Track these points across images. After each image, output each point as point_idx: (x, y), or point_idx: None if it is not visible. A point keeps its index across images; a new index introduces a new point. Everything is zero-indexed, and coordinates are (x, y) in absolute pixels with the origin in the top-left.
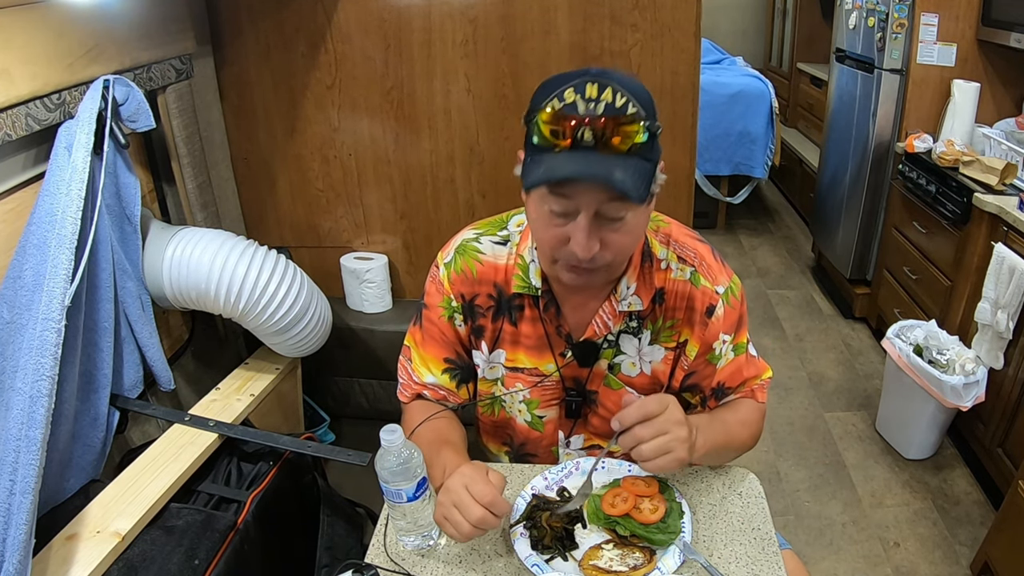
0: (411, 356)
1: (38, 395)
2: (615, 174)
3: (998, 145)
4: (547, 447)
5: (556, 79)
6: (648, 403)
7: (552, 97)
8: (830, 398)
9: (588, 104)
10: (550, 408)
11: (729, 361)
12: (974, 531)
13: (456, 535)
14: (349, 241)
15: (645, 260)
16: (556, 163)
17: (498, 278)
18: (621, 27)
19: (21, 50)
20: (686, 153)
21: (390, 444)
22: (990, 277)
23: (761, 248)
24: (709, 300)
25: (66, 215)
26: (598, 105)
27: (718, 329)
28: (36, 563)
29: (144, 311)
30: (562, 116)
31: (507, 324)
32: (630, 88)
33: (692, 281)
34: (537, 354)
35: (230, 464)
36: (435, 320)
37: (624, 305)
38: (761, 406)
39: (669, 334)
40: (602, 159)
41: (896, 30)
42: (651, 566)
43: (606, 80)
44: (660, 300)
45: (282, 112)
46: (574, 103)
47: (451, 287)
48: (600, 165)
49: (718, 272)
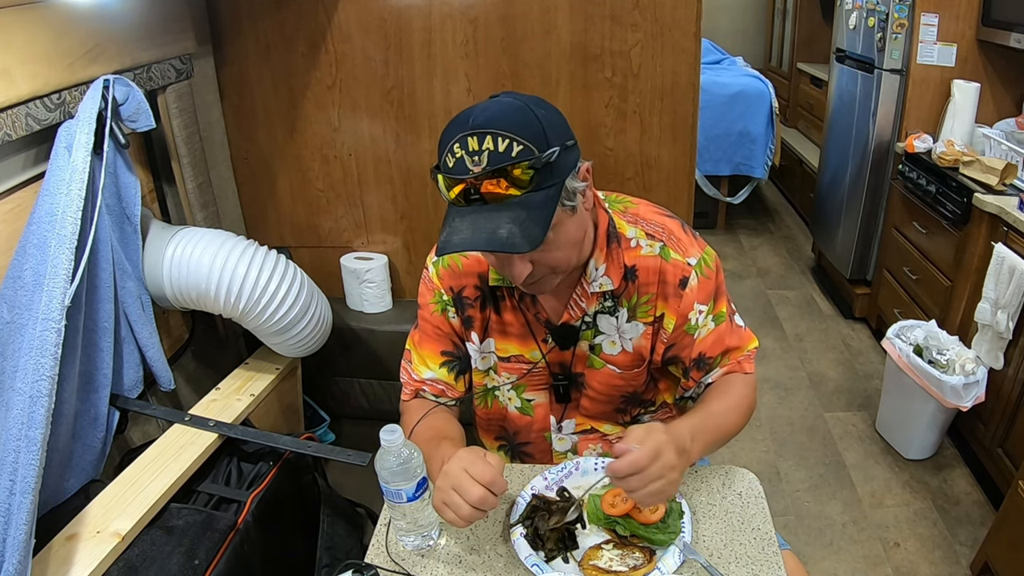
0: (411, 357)
1: (38, 395)
2: (499, 232)
3: (998, 145)
4: (539, 432)
5: (449, 128)
6: (640, 459)
7: (445, 153)
8: (830, 398)
9: (472, 158)
10: (538, 392)
11: (709, 331)
12: (974, 531)
13: (456, 520)
14: (349, 241)
15: (612, 241)
16: (454, 227)
17: (481, 269)
18: (621, 27)
19: (21, 50)
20: (686, 153)
21: (390, 444)
22: (990, 277)
23: (761, 248)
24: (681, 272)
25: (66, 215)
26: (481, 156)
27: (692, 299)
28: (36, 563)
29: (144, 311)
30: (450, 181)
31: (493, 313)
32: (514, 125)
33: (662, 255)
34: (522, 341)
35: (230, 464)
36: (428, 317)
37: (596, 287)
38: (749, 378)
39: (645, 309)
40: (491, 216)
41: (896, 30)
42: (651, 566)
43: (486, 129)
44: (632, 277)
45: (282, 112)
46: (461, 158)
47: (440, 282)
48: (488, 223)
49: (688, 244)
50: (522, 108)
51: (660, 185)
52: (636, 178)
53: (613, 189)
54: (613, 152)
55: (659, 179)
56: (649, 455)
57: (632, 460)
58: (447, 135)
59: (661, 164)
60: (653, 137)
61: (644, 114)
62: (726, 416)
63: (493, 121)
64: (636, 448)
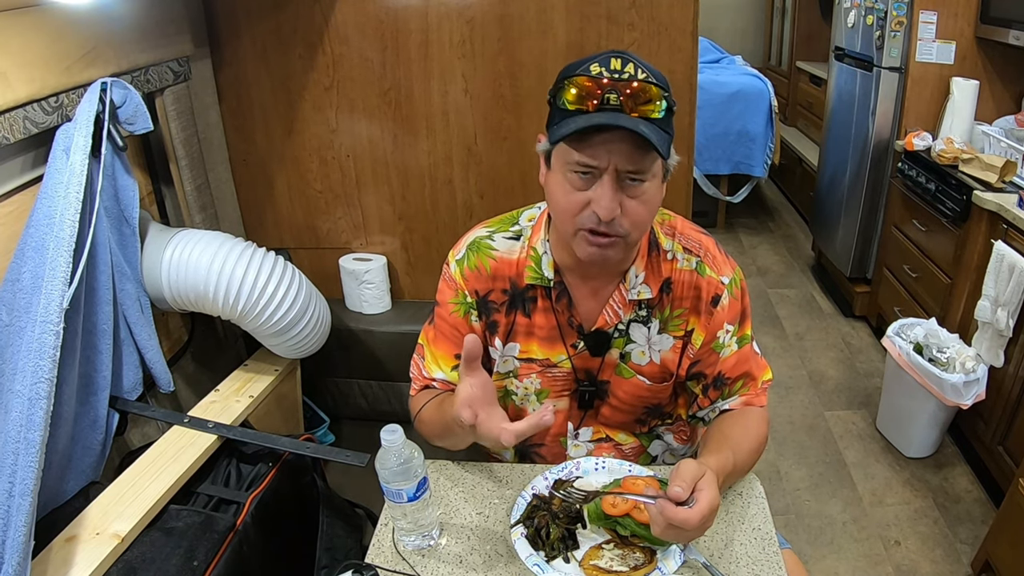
0: (423, 354)
1: (37, 397)
2: (641, 126)
3: (997, 143)
4: (555, 436)
5: (580, 60)
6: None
7: (578, 71)
8: (830, 397)
9: (613, 75)
10: (560, 399)
11: (733, 352)
12: (975, 529)
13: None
14: (348, 242)
15: (652, 250)
16: (585, 119)
17: (511, 272)
18: (618, 26)
19: (18, 53)
20: (684, 152)
21: (390, 444)
22: (990, 275)
23: (761, 247)
24: (715, 290)
25: (64, 218)
26: (623, 75)
27: (723, 319)
28: (35, 565)
29: (143, 313)
30: (590, 81)
31: (520, 316)
32: (649, 68)
33: (698, 271)
34: (549, 345)
35: (229, 465)
36: (447, 317)
37: (634, 294)
38: (765, 413)
39: (677, 323)
40: (627, 118)
41: (895, 28)
42: (651, 566)
43: (628, 57)
44: (668, 290)
45: (280, 114)
46: (600, 74)
47: (464, 283)
48: (626, 120)
49: (723, 263)
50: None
51: None
52: None
53: None
54: None
55: None
56: (704, 515)
57: (686, 518)
58: (575, 64)
59: None
60: None
61: None
62: (748, 459)
63: (633, 56)
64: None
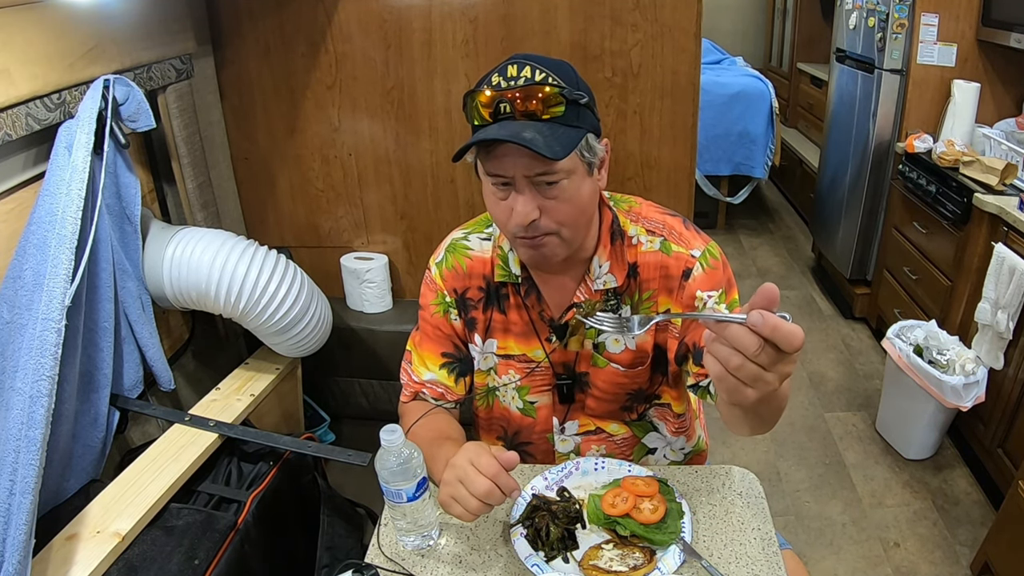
0: (411, 359)
1: (38, 395)
2: (524, 134)
3: (998, 145)
4: (541, 433)
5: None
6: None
7: (481, 83)
8: (830, 398)
9: (508, 82)
10: (541, 394)
11: None
12: (974, 531)
13: (463, 514)
14: (349, 241)
15: (616, 238)
16: (481, 133)
17: (486, 270)
18: (622, 27)
19: (21, 50)
20: (686, 153)
21: (390, 444)
22: (990, 277)
23: (761, 248)
24: (684, 264)
25: (66, 215)
26: (517, 81)
27: (696, 288)
28: (36, 563)
29: (144, 311)
30: (486, 93)
31: (496, 312)
32: (551, 66)
33: (663, 250)
34: (525, 340)
35: (230, 464)
36: (429, 318)
37: (600, 284)
38: None
39: (648, 306)
40: (519, 125)
41: (896, 30)
42: (651, 566)
43: (525, 61)
44: (634, 275)
45: (282, 112)
46: (497, 84)
47: (443, 283)
48: (514, 128)
49: (691, 238)
50: (560, 61)
51: (660, 185)
52: (636, 178)
53: (613, 189)
54: (613, 152)
55: (659, 179)
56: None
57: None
58: (482, 78)
59: (661, 164)
60: (653, 137)
61: (644, 114)
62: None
63: (532, 58)
64: (788, 317)
